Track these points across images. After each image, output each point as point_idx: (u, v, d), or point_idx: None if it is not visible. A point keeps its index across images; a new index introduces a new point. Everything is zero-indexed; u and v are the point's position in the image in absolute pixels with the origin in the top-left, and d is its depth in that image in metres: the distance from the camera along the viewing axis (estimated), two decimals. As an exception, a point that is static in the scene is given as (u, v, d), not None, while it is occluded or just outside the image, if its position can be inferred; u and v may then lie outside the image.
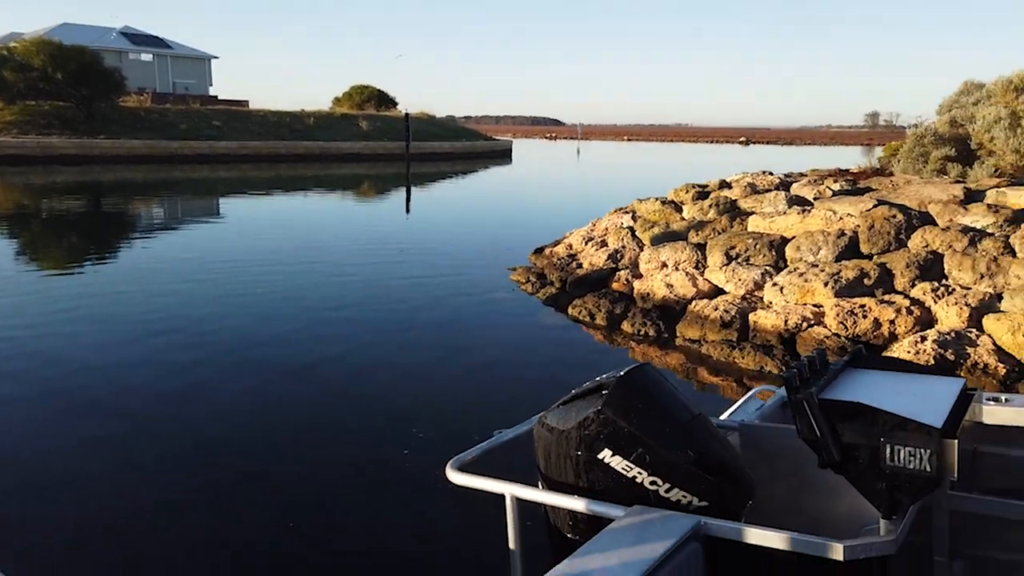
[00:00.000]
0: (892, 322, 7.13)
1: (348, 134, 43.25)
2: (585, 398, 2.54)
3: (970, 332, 6.77)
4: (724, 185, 11.39)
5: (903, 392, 2.42)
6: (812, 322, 7.46)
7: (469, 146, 48.21)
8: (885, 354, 6.95)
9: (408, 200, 24.16)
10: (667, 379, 2.65)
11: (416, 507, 4.47)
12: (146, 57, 57.61)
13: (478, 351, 7.67)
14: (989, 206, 8.20)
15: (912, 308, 7.17)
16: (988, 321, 6.81)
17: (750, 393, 3.56)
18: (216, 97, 52.27)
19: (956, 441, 2.04)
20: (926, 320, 7.14)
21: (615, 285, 9.46)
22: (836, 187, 9.87)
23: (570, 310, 9.10)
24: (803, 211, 9.23)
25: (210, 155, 36.87)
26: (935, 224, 8.32)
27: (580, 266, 10.26)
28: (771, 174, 11.71)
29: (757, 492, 2.47)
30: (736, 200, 10.31)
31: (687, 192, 11.25)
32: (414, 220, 19.31)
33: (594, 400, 2.46)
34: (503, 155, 50.38)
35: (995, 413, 3.07)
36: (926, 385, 2.49)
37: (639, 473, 2.32)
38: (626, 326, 8.48)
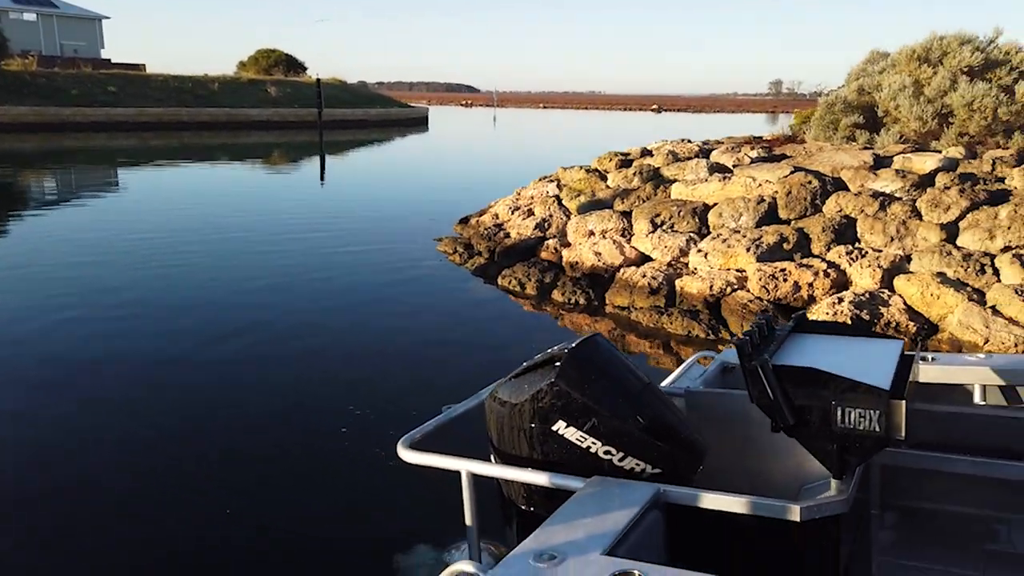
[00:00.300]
0: (811, 285, 7.42)
1: (256, 100, 41.48)
2: (537, 371, 2.52)
3: (883, 292, 7.12)
4: (646, 153, 11.54)
5: (848, 355, 2.50)
6: (736, 287, 7.69)
7: (384, 113, 47.11)
8: (806, 315, 7.25)
9: (323, 169, 23.46)
10: (615, 349, 2.66)
11: (365, 488, 4.37)
12: (29, 17, 53.29)
13: (412, 325, 7.55)
14: (897, 171, 8.61)
15: (829, 271, 7.48)
16: (899, 282, 7.17)
17: (691, 359, 3.62)
18: (109, 60, 49.02)
19: (904, 402, 2.12)
20: (842, 282, 7.46)
21: (544, 254, 9.48)
22: (754, 154, 10.14)
23: (500, 280, 9.07)
24: (724, 178, 9.45)
25: (107, 123, 34.67)
26: (848, 190, 8.67)
27: (508, 236, 10.22)
28: (690, 142, 11.94)
29: (706, 457, 2.53)
30: (659, 168, 10.46)
31: (610, 160, 11.34)
32: (331, 190, 18.77)
33: (547, 372, 2.45)
34: (419, 122, 49.53)
35: (923, 372, 3.23)
36: (868, 348, 2.58)
37: (593, 443, 2.33)
38: (556, 295, 8.53)
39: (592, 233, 9.35)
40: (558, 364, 2.43)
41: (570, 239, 9.54)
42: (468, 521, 2.50)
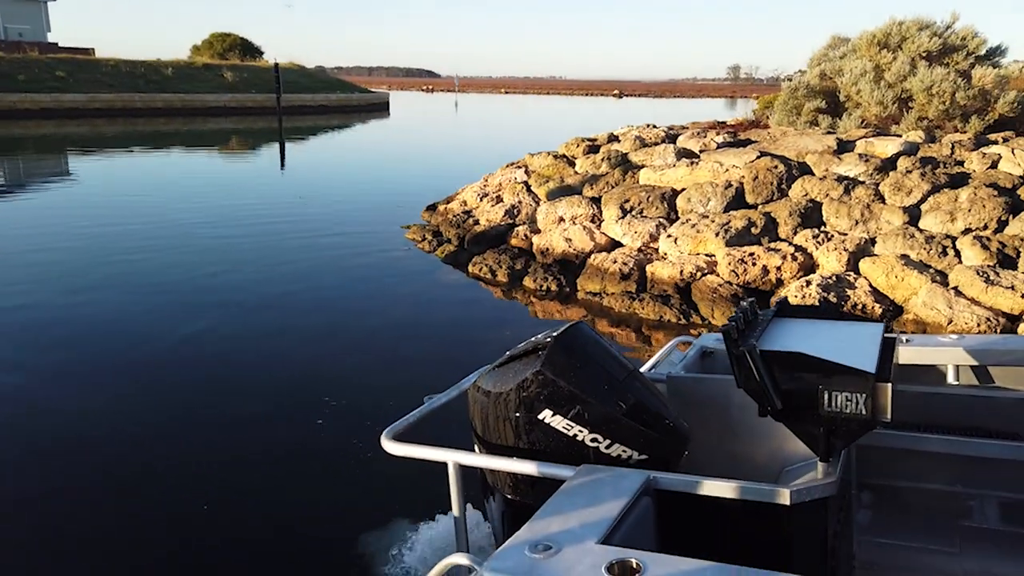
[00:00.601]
0: (779, 268, 7.52)
1: (212, 86, 40.52)
2: (521, 359, 2.52)
3: (849, 275, 7.25)
4: (613, 139, 11.55)
5: (832, 339, 2.53)
6: (706, 271, 7.76)
7: (344, 99, 46.45)
8: (775, 299, 7.35)
9: (283, 156, 23.03)
10: (599, 337, 2.66)
11: (345, 480, 4.31)
12: (-31, -1, 51.18)
13: (383, 315, 7.48)
14: (860, 155, 8.75)
15: (796, 255, 7.59)
16: (864, 264, 7.31)
17: (669, 345, 3.64)
18: (56, 45, 47.37)
19: (890, 385, 2.15)
20: (809, 265, 7.58)
21: (514, 241, 9.45)
22: (720, 139, 10.22)
23: (470, 268, 9.02)
24: (691, 163, 9.51)
25: (56, 109, 33.55)
26: (813, 174, 8.80)
27: (477, 223, 10.16)
28: (655, 127, 11.98)
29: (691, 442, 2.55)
30: (627, 153, 10.48)
31: (578, 146, 11.33)
32: (293, 178, 18.43)
33: (531, 361, 2.44)
34: (381, 108, 48.96)
35: (899, 353, 3.29)
36: (850, 331, 2.61)
37: (580, 431, 2.33)
38: (528, 282, 8.51)
39: (562, 219, 9.35)
40: (543, 352, 2.43)
41: (540, 225, 9.53)
42: (456, 511, 2.49)
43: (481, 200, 10.88)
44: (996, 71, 9.64)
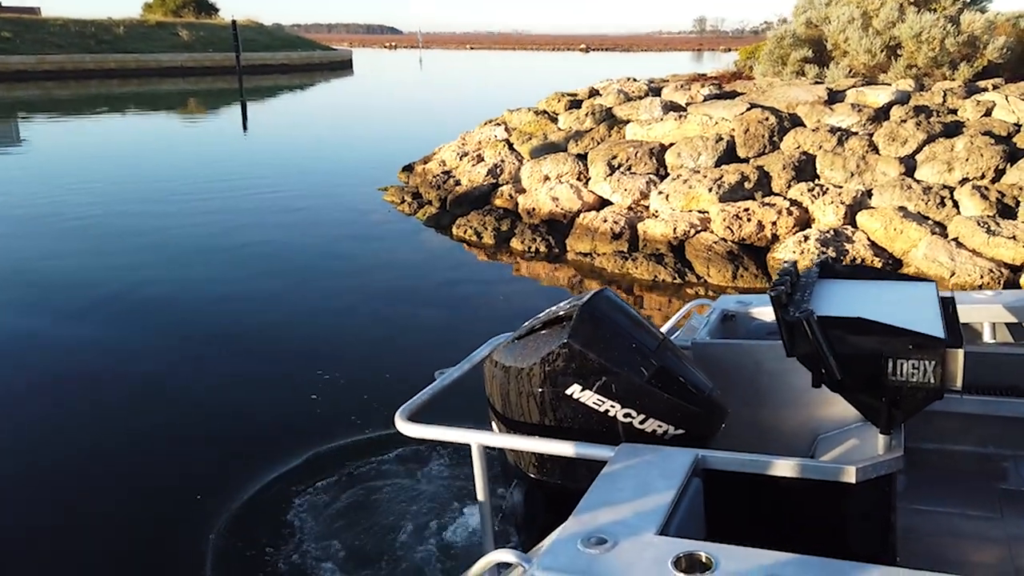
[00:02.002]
0: (774, 224, 7.33)
1: (167, 45, 38.97)
2: (544, 331, 2.34)
3: (847, 229, 7.09)
4: (594, 93, 11.20)
5: (887, 301, 2.37)
6: (699, 228, 7.54)
7: (306, 57, 45.11)
8: (772, 255, 7.19)
9: (245, 118, 22.22)
10: (626, 304, 2.47)
11: (351, 457, 4.03)
12: (-100, -45, 48.26)
13: (368, 282, 7.15)
14: (852, 105, 8.54)
15: (792, 209, 7.40)
16: (862, 217, 7.15)
17: (686, 308, 3.43)
18: (0, 4, 45.11)
19: (961, 351, 1.98)
20: (805, 220, 7.40)
21: (498, 201, 9.13)
22: (706, 91, 9.93)
23: (455, 230, 8.70)
24: (679, 117, 9.23)
25: (3, 72, 32.02)
26: (804, 125, 8.57)
27: (459, 183, 9.80)
28: (636, 80, 11.65)
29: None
30: (611, 108, 10.16)
31: (559, 101, 10.97)
32: (259, 141, 17.77)
33: (556, 332, 2.27)
34: (344, 66, 47.70)
35: None
36: (902, 291, 2.45)
37: (611, 406, 2.18)
38: (515, 243, 8.23)
39: (547, 178, 9.04)
40: (568, 323, 2.25)
41: (525, 185, 9.21)
42: (480, 496, 2.32)
43: (461, 159, 10.51)
44: (985, 16, 9.46)
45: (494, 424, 2.50)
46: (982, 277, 6.15)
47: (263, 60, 40.93)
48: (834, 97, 8.97)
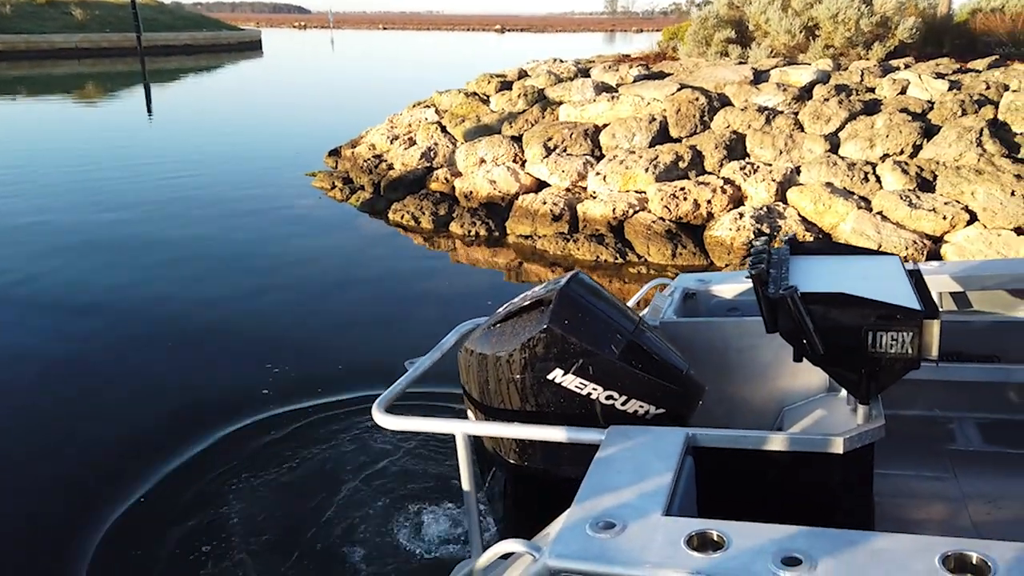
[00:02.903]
0: (709, 202, 7.50)
1: (60, 25, 36.53)
2: (521, 316, 2.34)
3: (778, 206, 7.32)
4: (523, 74, 11.15)
5: (857, 276, 2.46)
6: (638, 208, 7.64)
7: (212, 37, 43.17)
8: (709, 233, 7.35)
9: (149, 102, 21.08)
10: (600, 286, 2.49)
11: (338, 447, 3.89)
12: None
13: (308, 272, 6.91)
14: (777, 85, 8.80)
15: (726, 187, 7.58)
16: (792, 194, 7.39)
17: (647, 287, 3.46)
18: None
19: (937, 321, 2.08)
20: (738, 198, 7.60)
21: (434, 185, 8.99)
22: (635, 72, 10.04)
23: (391, 215, 8.53)
24: (612, 98, 9.30)
25: None
26: (733, 105, 8.78)
27: (391, 167, 9.60)
28: (564, 61, 11.67)
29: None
30: (543, 89, 10.14)
31: (489, 82, 10.87)
32: (165, 127, 16.85)
33: (535, 318, 2.27)
34: (253, 47, 45.91)
35: None
36: (869, 265, 2.55)
37: (593, 389, 2.20)
38: (455, 228, 8.13)
39: (483, 161, 8.96)
40: (547, 308, 2.25)
41: (461, 168, 9.10)
42: (466, 486, 2.30)
43: (392, 143, 10.29)
44: (894, -2, 9.89)
45: (470, 413, 2.47)
46: (906, 248, 6.46)
47: (166, 41, 38.97)
48: (759, 77, 9.22)
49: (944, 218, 6.63)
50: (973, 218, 6.62)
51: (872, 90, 8.69)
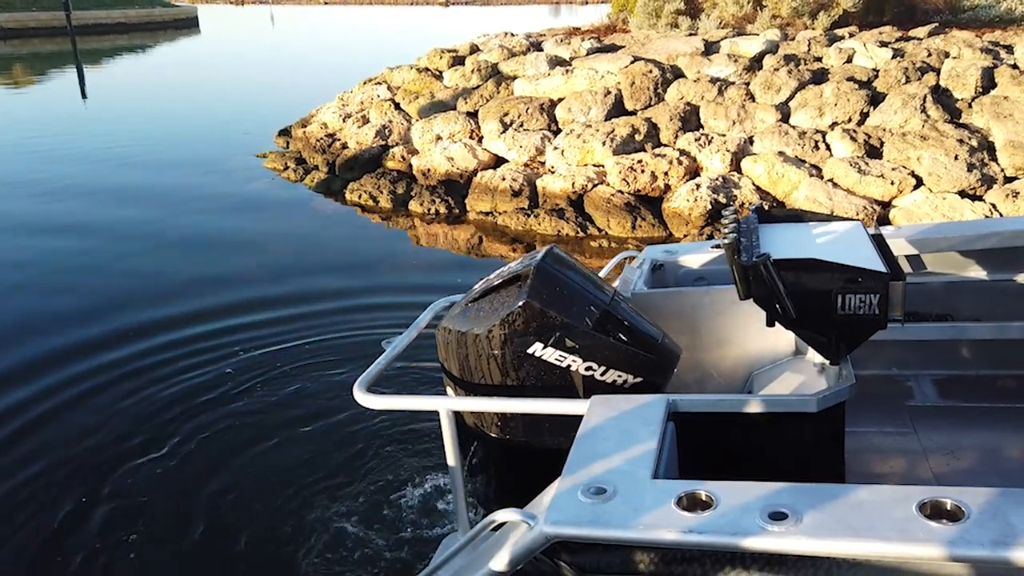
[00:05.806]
0: (666, 174, 7.59)
1: (-20, 4, 34.71)
2: (498, 292, 2.39)
3: (733, 176, 7.45)
4: (475, 49, 11.05)
5: (824, 241, 2.54)
6: (596, 182, 7.69)
7: (146, 15, 41.54)
8: (667, 204, 7.45)
9: (83, 84, 20.21)
10: (575, 260, 2.54)
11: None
12: None
13: (267, 255, 6.79)
14: (728, 56, 8.91)
15: (681, 159, 7.67)
16: (746, 164, 7.53)
17: (615, 260, 3.52)
18: None
19: (902, 283, 2.16)
20: (694, 169, 7.71)
21: (391, 164, 8.89)
22: (588, 45, 10.04)
23: (348, 195, 8.42)
24: (566, 72, 9.29)
25: None
26: (686, 77, 8.86)
27: (346, 146, 9.45)
28: (514, 35, 11.59)
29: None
30: (497, 64, 10.07)
31: (441, 58, 10.74)
32: (103, 109, 16.22)
33: (513, 293, 2.32)
34: (189, 23, 44.35)
35: None
36: (834, 231, 2.63)
37: (573, 361, 2.25)
38: (414, 206, 8.08)
39: (440, 138, 8.89)
40: (525, 283, 2.29)
41: (417, 146, 9.01)
42: (451, 461, 2.34)
43: (344, 121, 10.12)
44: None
45: (450, 390, 2.50)
46: (857, 214, 6.66)
47: (97, 19, 37.35)
48: (710, 48, 9.32)
49: (892, 183, 6.84)
50: (919, 183, 6.85)
51: (819, 59, 8.87)
